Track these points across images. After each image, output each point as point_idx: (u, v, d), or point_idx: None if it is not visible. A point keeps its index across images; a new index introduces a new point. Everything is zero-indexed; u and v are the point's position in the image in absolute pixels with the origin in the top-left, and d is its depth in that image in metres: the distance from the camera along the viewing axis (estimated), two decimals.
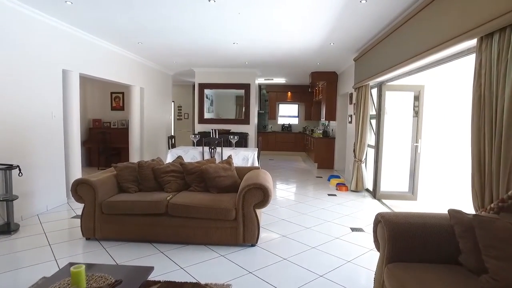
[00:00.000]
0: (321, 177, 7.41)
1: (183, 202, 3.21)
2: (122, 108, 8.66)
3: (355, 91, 6.26)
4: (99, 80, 6.17)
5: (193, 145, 6.34)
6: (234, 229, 3.19)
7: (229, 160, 3.85)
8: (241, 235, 3.19)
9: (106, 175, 3.60)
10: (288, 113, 12.62)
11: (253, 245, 3.27)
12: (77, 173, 5.01)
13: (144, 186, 3.65)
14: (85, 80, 8.22)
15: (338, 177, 7.09)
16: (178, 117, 12.14)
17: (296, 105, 12.53)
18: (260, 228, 3.26)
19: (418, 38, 3.46)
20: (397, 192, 5.48)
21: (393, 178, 5.52)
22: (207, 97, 8.88)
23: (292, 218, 4.25)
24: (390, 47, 4.36)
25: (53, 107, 4.46)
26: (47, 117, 4.35)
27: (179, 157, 4.13)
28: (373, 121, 5.75)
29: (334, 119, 8.69)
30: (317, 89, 10.40)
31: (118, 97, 8.67)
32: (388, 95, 5.33)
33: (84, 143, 8.22)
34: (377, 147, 5.45)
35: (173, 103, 11.36)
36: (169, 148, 6.37)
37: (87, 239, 3.34)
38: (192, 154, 5.80)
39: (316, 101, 11.01)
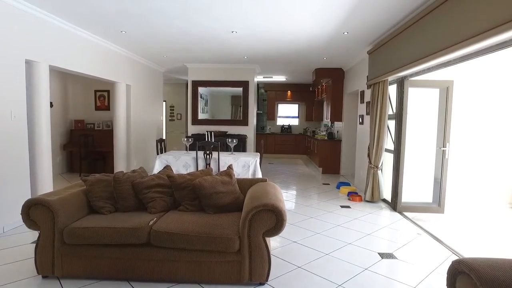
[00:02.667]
0: (328, 184, 6.67)
1: (170, 229, 2.44)
2: (107, 108, 7.83)
3: (368, 88, 5.55)
4: (81, 76, 5.38)
5: (186, 150, 5.57)
6: (238, 264, 2.44)
7: (229, 172, 3.09)
8: (247, 272, 2.44)
9: (72, 191, 2.81)
10: (288, 114, 11.89)
11: (261, 284, 2.51)
12: (46, 185, 4.20)
13: (122, 205, 2.87)
14: (66, 77, 7.41)
15: (347, 184, 6.37)
16: (170, 118, 11.33)
17: (297, 105, 11.80)
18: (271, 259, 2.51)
19: (468, 18, 2.75)
20: (420, 203, 4.77)
21: (415, 187, 4.81)
22: (201, 97, 8.10)
23: (305, 240, 3.50)
24: (421, 33, 3.64)
25: (13, 105, 3.65)
26: (4, 117, 3.54)
27: (167, 167, 3.35)
28: (390, 122, 5.04)
29: (340, 120, 7.97)
30: (320, 87, 9.69)
31: (103, 96, 7.85)
32: (410, 92, 4.62)
33: (64, 146, 7.41)
34: (398, 152, 4.73)
35: (164, 102, 10.58)
36: (158, 153, 5.57)
37: (44, 277, 2.55)
38: (184, 161, 5.02)
39: (318, 100, 10.32)
